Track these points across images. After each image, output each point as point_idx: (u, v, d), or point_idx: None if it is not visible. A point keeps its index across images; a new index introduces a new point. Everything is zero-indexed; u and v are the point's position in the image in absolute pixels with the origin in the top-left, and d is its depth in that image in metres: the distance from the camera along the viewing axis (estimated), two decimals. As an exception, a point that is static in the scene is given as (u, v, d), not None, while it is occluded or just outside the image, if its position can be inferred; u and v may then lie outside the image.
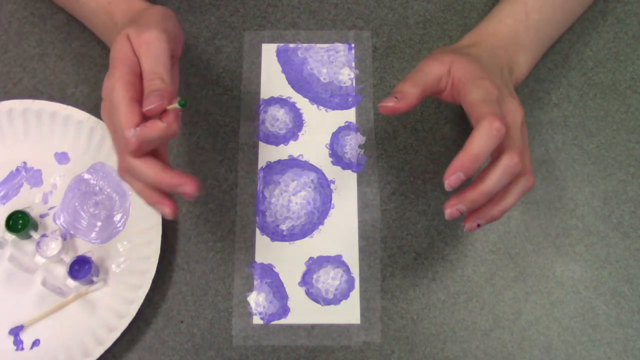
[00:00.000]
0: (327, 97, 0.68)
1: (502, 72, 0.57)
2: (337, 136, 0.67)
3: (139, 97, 0.50)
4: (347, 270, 0.62)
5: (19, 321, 0.60)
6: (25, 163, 0.64)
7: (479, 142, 0.49)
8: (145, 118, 0.49)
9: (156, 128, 0.48)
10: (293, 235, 0.63)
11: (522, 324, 0.61)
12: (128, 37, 0.51)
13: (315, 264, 0.62)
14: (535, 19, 0.61)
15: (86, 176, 0.64)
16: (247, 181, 0.65)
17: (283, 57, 0.69)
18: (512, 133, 0.51)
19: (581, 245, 0.63)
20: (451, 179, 0.49)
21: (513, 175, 0.50)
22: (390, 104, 0.53)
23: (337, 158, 0.66)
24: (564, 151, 0.66)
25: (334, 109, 0.68)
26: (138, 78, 0.50)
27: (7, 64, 0.68)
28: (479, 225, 0.53)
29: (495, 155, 0.51)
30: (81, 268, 0.60)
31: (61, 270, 0.61)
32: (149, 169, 0.49)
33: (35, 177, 0.64)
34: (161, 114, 0.49)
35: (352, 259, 0.62)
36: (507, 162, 0.49)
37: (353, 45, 0.70)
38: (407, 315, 0.61)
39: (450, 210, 0.51)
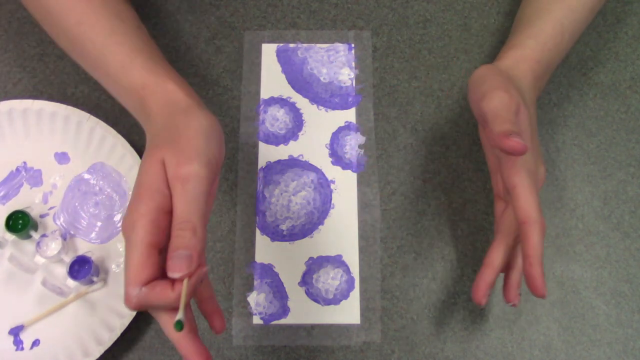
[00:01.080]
0: (327, 97, 0.68)
1: (534, 110, 0.55)
2: (337, 136, 0.67)
3: (160, 242, 0.43)
4: (347, 270, 0.62)
5: (19, 321, 0.60)
6: (25, 163, 0.64)
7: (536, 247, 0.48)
8: (158, 269, 0.43)
9: (163, 297, 0.42)
10: (293, 235, 0.63)
11: (522, 324, 0.61)
12: (163, 164, 0.44)
13: (315, 264, 0.62)
14: (567, 39, 0.59)
15: (86, 176, 0.64)
16: (247, 181, 0.65)
17: (283, 57, 0.69)
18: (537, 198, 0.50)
19: (581, 245, 0.63)
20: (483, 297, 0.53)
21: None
22: (517, 141, 0.47)
23: (337, 158, 0.66)
24: (564, 151, 0.66)
25: (334, 109, 0.68)
26: (165, 216, 0.43)
27: (7, 64, 0.68)
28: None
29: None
30: (81, 268, 0.60)
31: (61, 270, 0.61)
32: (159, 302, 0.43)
33: (35, 177, 0.64)
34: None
35: (352, 259, 0.63)
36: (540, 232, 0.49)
37: (353, 45, 0.70)
38: (407, 315, 0.61)
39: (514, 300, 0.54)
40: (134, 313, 0.58)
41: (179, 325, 0.41)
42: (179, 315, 0.41)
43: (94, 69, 0.54)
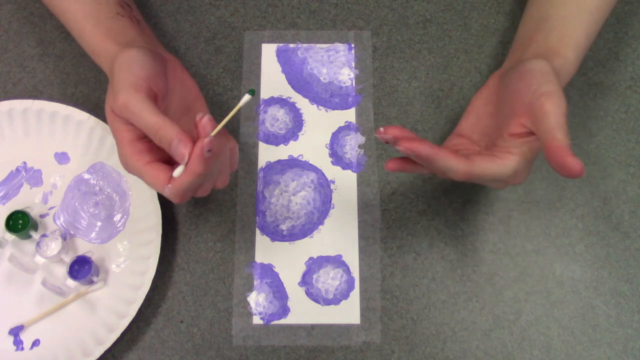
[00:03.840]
0: (327, 97, 0.68)
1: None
2: (337, 136, 0.67)
3: (155, 157, 0.50)
4: (347, 270, 0.62)
5: (19, 321, 0.60)
6: (25, 163, 0.64)
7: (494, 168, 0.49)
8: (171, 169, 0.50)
9: (183, 179, 0.48)
10: (293, 235, 0.63)
11: (522, 324, 0.61)
12: (112, 111, 0.51)
13: (315, 264, 0.62)
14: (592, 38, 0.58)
15: (86, 176, 0.64)
16: (247, 181, 0.65)
17: (283, 57, 0.69)
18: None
19: (581, 245, 0.63)
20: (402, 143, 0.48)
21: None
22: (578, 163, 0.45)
23: (337, 158, 0.66)
24: (564, 151, 0.66)
25: (334, 109, 0.68)
26: (144, 139, 0.51)
27: (7, 64, 0.68)
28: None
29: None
30: (81, 268, 0.60)
31: (61, 270, 0.61)
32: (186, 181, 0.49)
33: (35, 177, 0.64)
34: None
35: (352, 259, 0.63)
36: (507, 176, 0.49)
37: (353, 45, 0.70)
38: (407, 315, 0.61)
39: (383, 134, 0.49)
40: (134, 313, 0.58)
41: (253, 92, 0.48)
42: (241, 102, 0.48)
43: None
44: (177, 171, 0.48)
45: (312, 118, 0.67)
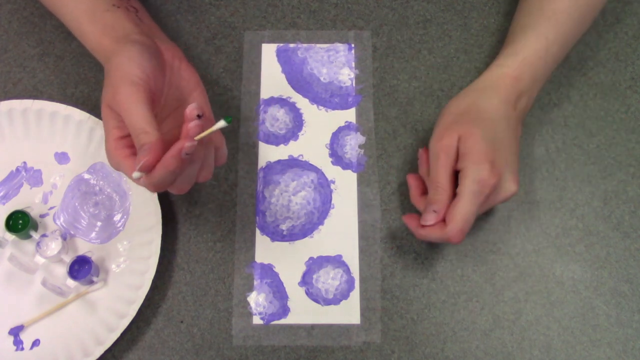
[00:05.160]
0: (327, 97, 0.68)
1: (515, 132, 0.58)
2: (337, 136, 0.67)
3: (135, 152, 0.50)
4: (347, 270, 0.62)
5: (19, 321, 0.60)
6: (25, 163, 0.64)
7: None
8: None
9: (156, 171, 0.49)
10: (293, 235, 0.63)
11: (522, 324, 0.61)
12: (109, 107, 0.51)
13: (315, 264, 0.62)
14: (554, 52, 0.60)
15: (86, 176, 0.64)
16: (247, 181, 0.65)
17: (283, 57, 0.69)
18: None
19: (581, 245, 0.63)
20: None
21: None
22: (431, 222, 0.56)
23: (337, 158, 0.66)
24: (564, 151, 0.66)
25: (334, 109, 0.68)
26: (129, 137, 0.51)
27: (7, 64, 0.68)
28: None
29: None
30: (81, 268, 0.60)
31: (61, 270, 0.61)
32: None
33: (35, 177, 0.64)
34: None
35: (352, 259, 0.63)
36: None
37: (353, 45, 0.70)
38: (407, 315, 0.61)
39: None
40: (134, 313, 0.58)
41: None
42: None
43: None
44: (136, 174, 0.49)
45: (312, 118, 0.67)
